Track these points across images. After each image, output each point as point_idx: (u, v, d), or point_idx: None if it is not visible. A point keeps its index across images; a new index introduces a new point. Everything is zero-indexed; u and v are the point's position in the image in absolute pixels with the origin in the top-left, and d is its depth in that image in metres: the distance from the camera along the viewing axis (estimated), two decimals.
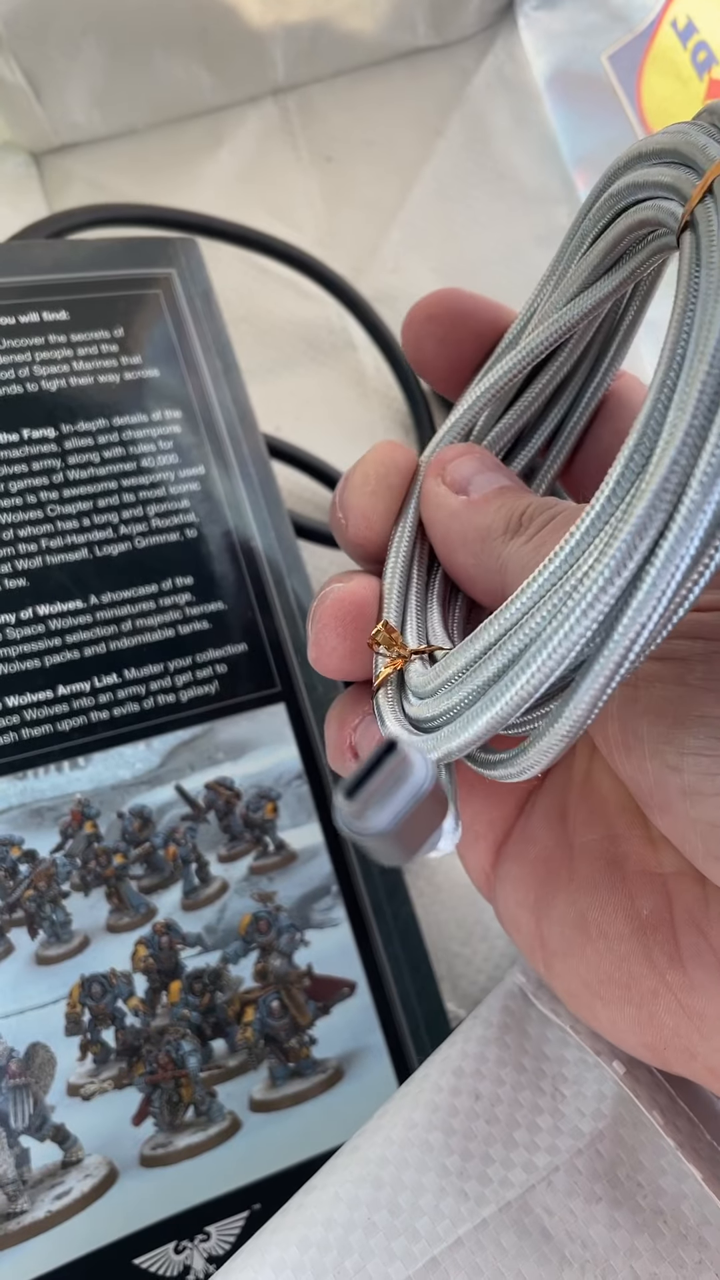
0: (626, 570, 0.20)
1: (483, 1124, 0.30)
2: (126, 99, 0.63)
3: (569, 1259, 0.27)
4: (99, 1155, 0.39)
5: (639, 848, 0.27)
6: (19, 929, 0.40)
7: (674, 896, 0.26)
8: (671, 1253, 0.27)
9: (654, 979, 0.26)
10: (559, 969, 0.28)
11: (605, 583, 0.20)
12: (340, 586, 0.30)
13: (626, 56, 0.63)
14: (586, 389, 0.33)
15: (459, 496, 0.29)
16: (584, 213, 0.29)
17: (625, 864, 0.27)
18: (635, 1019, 0.26)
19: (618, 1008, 0.27)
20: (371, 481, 0.31)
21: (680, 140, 0.24)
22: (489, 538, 0.27)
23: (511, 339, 0.32)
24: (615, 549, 0.20)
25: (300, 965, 0.43)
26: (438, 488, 0.29)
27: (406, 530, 0.30)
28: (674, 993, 0.25)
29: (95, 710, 0.42)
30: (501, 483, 0.29)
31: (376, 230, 0.65)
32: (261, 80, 0.65)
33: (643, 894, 0.26)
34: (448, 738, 0.24)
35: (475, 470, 0.29)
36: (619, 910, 0.27)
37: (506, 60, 0.68)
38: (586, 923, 0.27)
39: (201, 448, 0.46)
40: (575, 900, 0.28)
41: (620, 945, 0.26)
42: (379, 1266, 0.28)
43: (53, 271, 0.45)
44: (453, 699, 0.24)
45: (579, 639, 0.21)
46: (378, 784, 0.19)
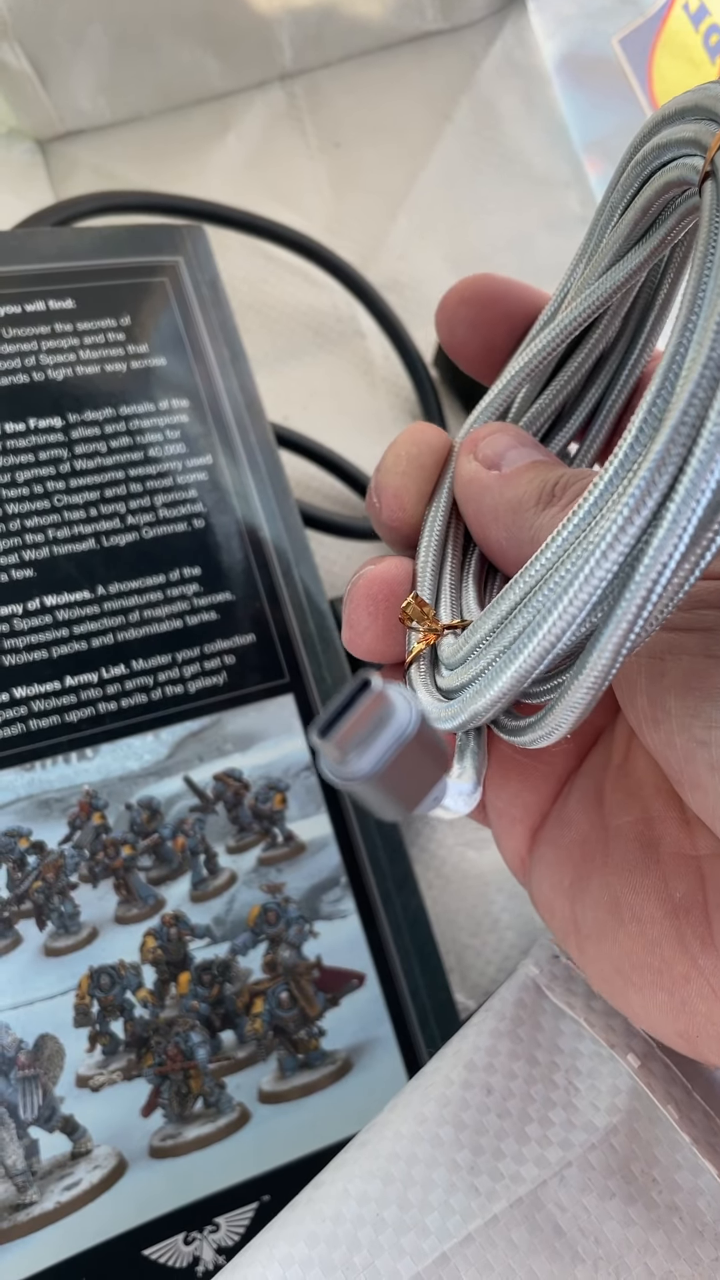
0: (645, 509, 0.20)
1: (494, 1118, 0.29)
2: (132, 85, 0.63)
3: (581, 1256, 0.27)
4: (108, 1146, 0.39)
5: (674, 830, 0.27)
6: (27, 920, 0.40)
7: (708, 879, 0.25)
8: (687, 1249, 0.27)
9: (686, 964, 0.25)
10: (591, 953, 0.28)
11: (624, 522, 0.20)
12: (372, 568, 0.30)
13: (638, 40, 0.62)
14: (625, 364, 0.32)
15: (491, 471, 0.29)
16: (613, 184, 0.29)
17: (659, 846, 0.27)
18: (667, 1005, 0.26)
19: (649, 993, 0.26)
20: (403, 462, 0.31)
21: (701, 96, 0.24)
22: (521, 510, 0.27)
23: (547, 318, 0.31)
24: (633, 488, 0.20)
25: (309, 957, 0.42)
26: (470, 464, 0.29)
27: (440, 509, 0.30)
28: (706, 978, 0.25)
29: (103, 701, 0.42)
30: (535, 457, 0.29)
31: (385, 216, 0.65)
32: (269, 66, 0.65)
33: (676, 876, 0.26)
34: (471, 700, 0.24)
35: (508, 445, 0.29)
36: (652, 893, 0.26)
37: (516, 44, 0.68)
38: (619, 906, 0.27)
39: (209, 437, 0.46)
40: (609, 883, 0.27)
41: (652, 929, 0.26)
42: (388, 1262, 0.27)
43: (59, 260, 0.45)
44: (479, 664, 0.24)
45: (597, 585, 0.20)
46: (353, 723, 0.18)
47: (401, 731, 0.18)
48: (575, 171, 0.66)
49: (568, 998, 0.31)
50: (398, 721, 0.18)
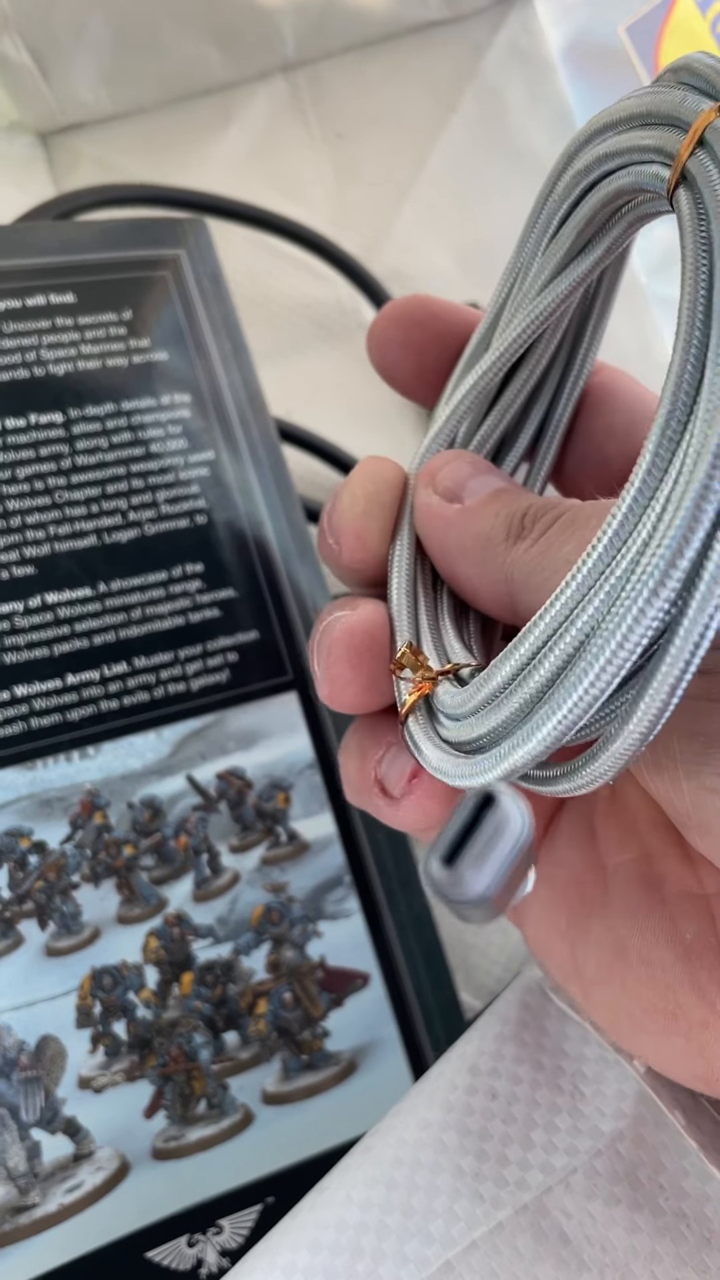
0: (696, 537, 0.19)
1: (499, 1123, 0.29)
2: (134, 77, 0.62)
3: (587, 1263, 0.27)
4: (111, 1148, 0.38)
5: (676, 867, 0.26)
6: (29, 920, 0.39)
7: (719, 919, 0.25)
8: (694, 1257, 0.27)
9: (704, 1009, 0.25)
10: (598, 998, 0.27)
11: (673, 555, 0.19)
12: (348, 615, 0.28)
13: (644, 27, 0.62)
14: (566, 381, 0.32)
15: (453, 505, 0.27)
16: (545, 196, 0.28)
17: (663, 886, 0.26)
18: (684, 1050, 0.25)
19: (664, 1038, 0.26)
20: (361, 501, 0.29)
21: (653, 101, 0.24)
22: (490, 545, 0.26)
23: (481, 337, 0.30)
24: (682, 514, 0.19)
25: (313, 957, 0.42)
26: (430, 497, 0.28)
27: (404, 547, 0.29)
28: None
29: (105, 699, 0.41)
30: (496, 485, 0.28)
31: (389, 208, 0.65)
32: (271, 56, 0.65)
33: (685, 918, 0.25)
34: (506, 754, 0.22)
35: (468, 475, 0.28)
36: (660, 935, 0.26)
37: (521, 32, 0.67)
38: (626, 949, 0.26)
39: (211, 432, 0.45)
40: (613, 926, 0.26)
41: (664, 973, 0.25)
42: (391, 1270, 0.27)
43: (60, 253, 0.45)
44: (502, 713, 0.23)
45: (652, 622, 0.19)
46: (481, 845, 0.17)
47: (516, 841, 0.17)
48: None
49: (573, 1001, 0.31)
50: (512, 831, 0.17)
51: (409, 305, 0.32)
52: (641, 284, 0.62)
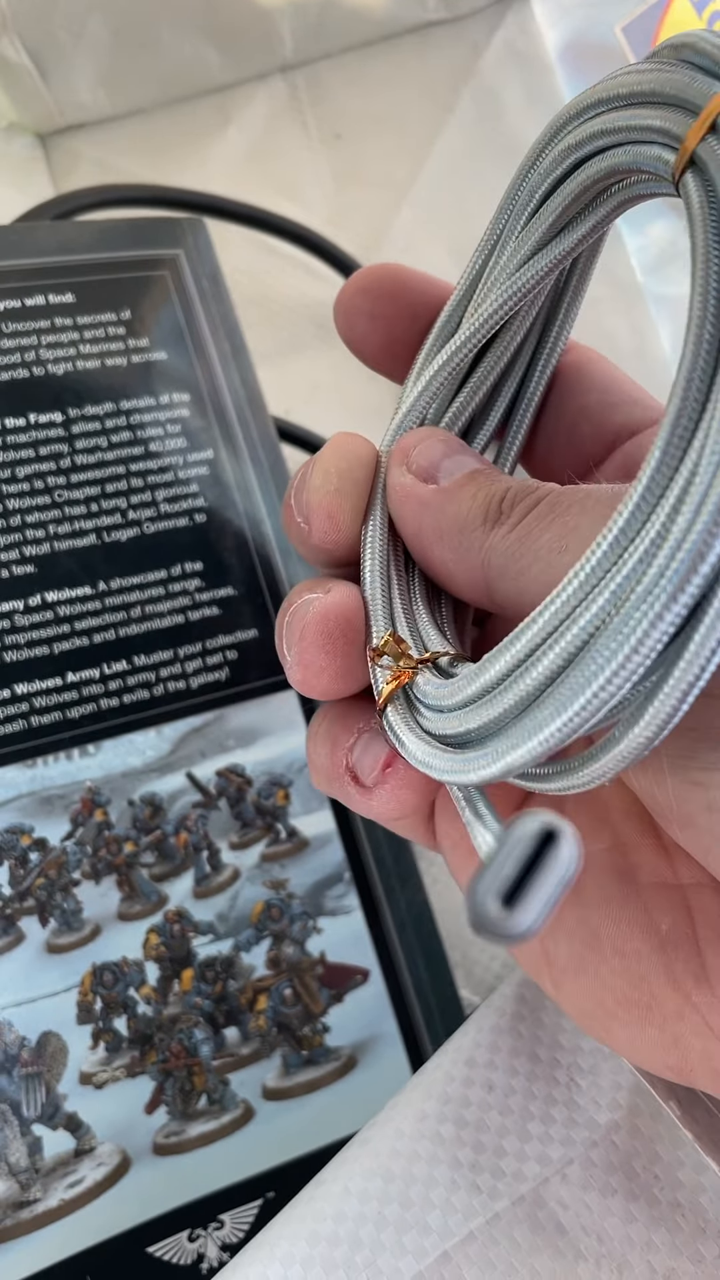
0: (715, 549, 0.18)
1: (496, 1115, 0.29)
2: (133, 78, 0.62)
3: (584, 1253, 0.27)
4: (112, 1144, 0.39)
5: (651, 857, 0.26)
6: (30, 917, 0.40)
7: (695, 910, 0.25)
8: (690, 1246, 0.27)
9: (678, 999, 0.24)
10: (569, 988, 0.26)
11: (694, 558, 0.18)
12: (321, 598, 0.27)
13: (640, 27, 0.62)
14: (538, 359, 0.31)
15: (428, 485, 0.27)
16: (526, 170, 0.27)
17: (637, 876, 0.26)
18: (658, 1041, 0.25)
19: (637, 1029, 0.25)
20: (334, 479, 0.28)
21: (656, 80, 0.23)
22: (467, 529, 0.25)
23: (451, 311, 0.30)
24: (705, 515, 0.18)
25: (313, 953, 0.42)
26: (403, 477, 0.27)
27: (376, 528, 0.28)
28: (701, 1013, 0.24)
29: (105, 697, 0.42)
30: (472, 466, 0.27)
31: (387, 208, 0.65)
32: (270, 57, 0.65)
33: (660, 908, 0.25)
34: (503, 752, 0.21)
35: (442, 454, 0.27)
36: (635, 926, 0.25)
37: (518, 33, 0.67)
38: (599, 939, 0.25)
39: (210, 431, 0.45)
40: (585, 916, 0.26)
41: (639, 964, 0.25)
42: (389, 1261, 0.27)
43: (59, 253, 0.45)
44: (495, 709, 0.22)
45: (669, 626, 0.19)
46: (540, 883, 0.16)
47: (567, 874, 0.16)
48: None
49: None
50: (563, 864, 0.16)
51: (378, 274, 0.31)
52: (639, 283, 0.62)
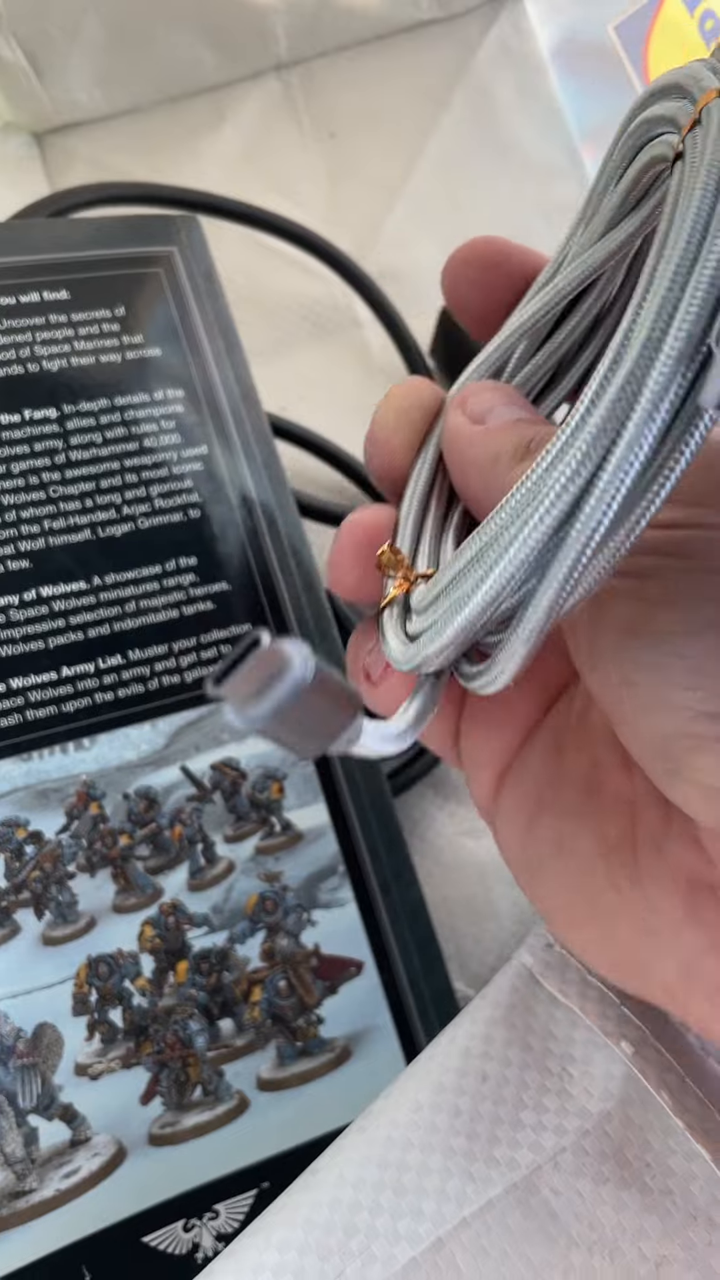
0: (580, 478, 0.21)
1: (489, 1104, 0.29)
2: (128, 77, 0.63)
3: (576, 1240, 0.27)
4: (107, 1134, 0.39)
5: (616, 774, 0.28)
6: (25, 910, 0.40)
7: (639, 818, 0.27)
8: (680, 1233, 0.27)
9: (615, 898, 0.27)
10: (538, 890, 0.30)
11: (560, 490, 0.21)
12: (359, 513, 0.31)
13: (633, 26, 0.62)
14: (618, 329, 0.32)
15: (476, 426, 0.29)
16: (610, 153, 0.29)
17: (602, 789, 0.28)
18: (599, 938, 0.28)
19: (584, 927, 0.28)
20: (393, 415, 0.32)
21: (681, 75, 0.24)
22: (498, 462, 0.28)
23: (544, 280, 0.32)
24: (571, 454, 0.21)
25: (307, 945, 0.43)
26: (458, 417, 0.30)
27: (427, 461, 0.31)
28: (632, 910, 0.26)
29: (100, 691, 0.42)
30: (520, 415, 0.29)
31: (381, 206, 0.65)
32: (264, 56, 0.65)
33: (612, 817, 0.27)
34: (424, 645, 0.25)
35: (496, 402, 0.30)
36: (590, 832, 0.28)
37: (511, 32, 0.67)
38: (561, 843, 0.28)
39: (204, 427, 0.46)
40: (555, 823, 0.29)
41: (587, 865, 0.28)
42: (384, 1247, 0.27)
43: (53, 251, 0.45)
44: (438, 612, 0.25)
45: (534, 548, 0.22)
46: (244, 676, 0.19)
47: (295, 685, 0.19)
48: (572, 159, 0.66)
49: (561, 985, 0.31)
50: (291, 675, 0.19)
51: (483, 245, 0.33)
52: None
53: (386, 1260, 0.27)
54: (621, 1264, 0.27)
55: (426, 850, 0.54)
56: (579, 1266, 0.27)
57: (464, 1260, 0.27)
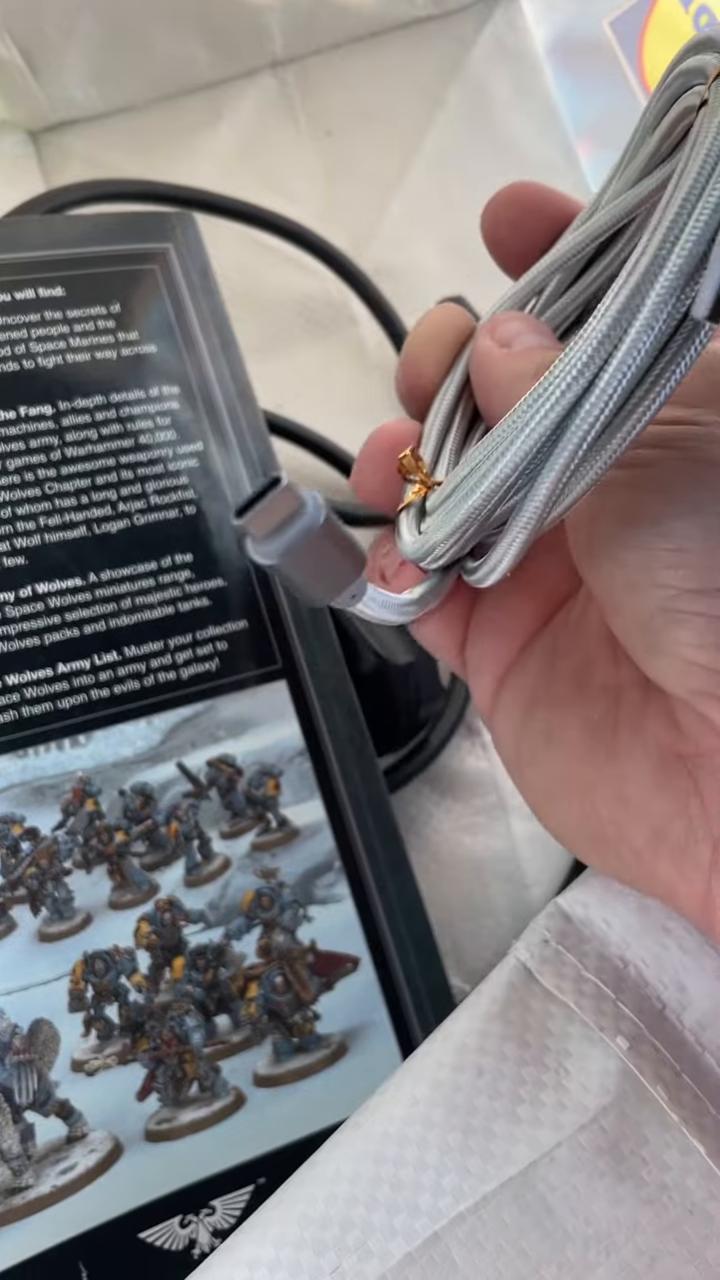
0: (583, 378, 0.23)
1: (485, 1100, 0.29)
2: (124, 75, 0.62)
3: (571, 1234, 0.27)
4: (103, 1130, 0.39)
5: (605, 667, 0.30)
6: (21, 906, 0.40)
7: (621, 702, 0.29)
8: (676, 1228, 0.27)
9: (595, 774, 0.29)
10: (528, 777, 0.32)
11: (564, 390, 0.23)
12: (385, 424, 0.33)
13: (628, 22, 0.62)
14: None
15: (503, 348, 0.31)
16: (651, 102, 0.30)
17: (590, 681, 0.30)
18: (580, 813, 0.29)
19: (567, 805, 0.30)
20: (425, 334, 0.34)
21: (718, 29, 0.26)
22: (519, 381, 0.29)
23: (579, 223, 0.33)
24: (575, 356, 0.23)
25: (303, 941, 0.43)
26: (486, 341, 0.31)
27: (455, 381, 0.33)
28: (609, 783, 0.28)
29: (96, 688, 0.42)
30: (543, 342, 0.31)
31: (377, 203, 0.65)
32: (260, 54, 0.65)
33: (597, 703, 0.30)
34: (433, 532, 0.28)
35: (522, 329, 0.31)
36: (576, 719, 0.30)
37: (506, 29, 0.67)
38: (551, 731, 0.31)
39: (200, 424, 0.46)
40: (546, 715, 0.31)
41: (572, 748, 0.30)
42: (380, 1242, 0.27)
43: (49, 248, 0.45)
44: (449, 506, 0.27)
45: (539, 438, 0.24)
46: (264, 511, 0.21)
47: (310, 524, 0.21)
48: (567, 156, 0.66)
49: (557, 981, 0.31)
50: (306, 515, 0.21)
51: (524, 187, 0.35)
52: None
53: (383, 1255, 0.27)
54: (617, 1258, 0.27)
55: (423, 846, 0.54)
56: (574, 1261, 0.27)
57: (460, 1255, 0.27)
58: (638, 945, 0.30)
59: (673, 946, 0.30)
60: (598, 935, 0.31)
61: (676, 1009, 0.30)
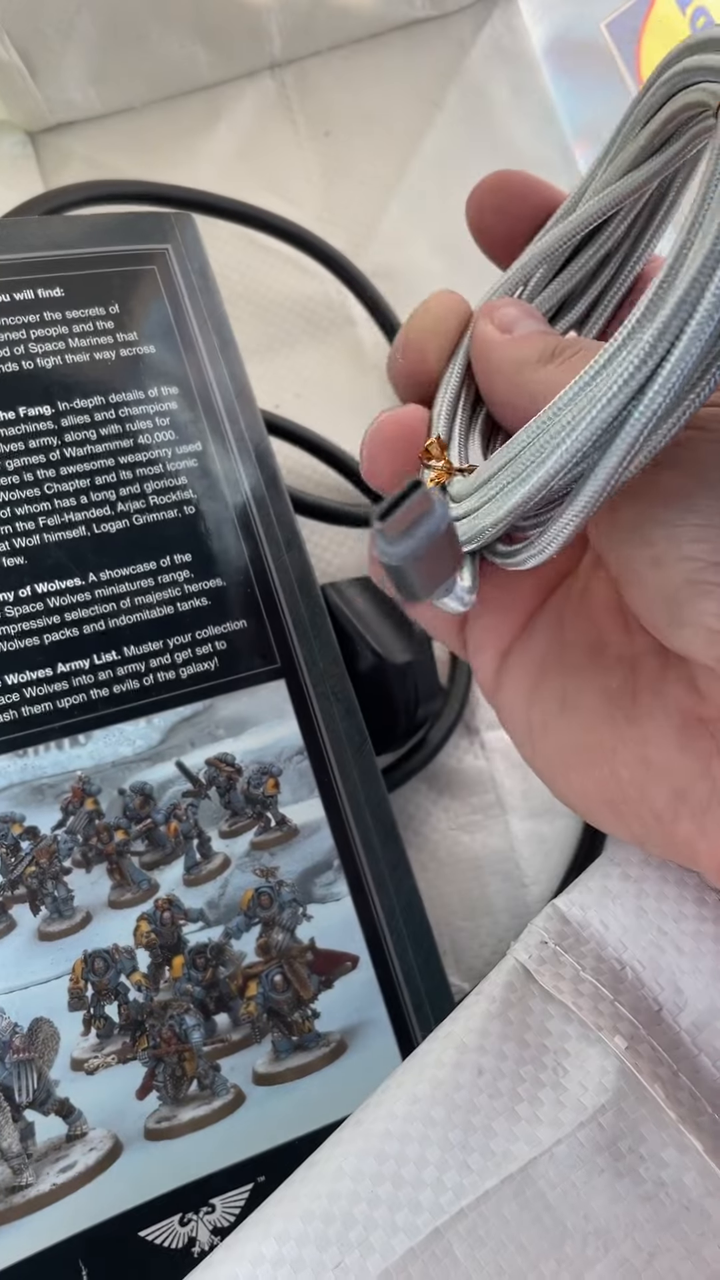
0: (641, 373, 0.24)
1: (485, 1098, 0.30)
2: (123, 76, 0.63)
3: (570, 1230, 0.28)
4: (103, 1129, 0.39)
5: (617, 637, 0.31)
6: (21, 905, 0.40)
7: (639, 670, 0.30)
8: (674, 1225, 0.27)
9: (615, 738, 0.29)
10: (540, 747, 0.33)
11: (624, 381, 0.24)
12: (393, 411, 0.33)
13: (625, 23, 0.63)
14: (627, 263, 0.35)
15: (503, 334, 0.32)
16: (639, 98, 0.31)
17: (604, 651, 0.31)
18: (599, 778, 0.30)
19: (585, 770, 0.31)
20: (429, 319, 0.34)
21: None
22: (523, 366, 0.30)
23: (565, 211, 0.34)
24: (634, 354, 0.24)
25: (303, 939, 0.43)
26: (486, 326, 0.32)
27: (457, 366, 0.34)
28: (630, 747, 0.29)
29: (95, 688, 0.42)
30: (542, 328, 0.32)
31: (375, 204, 0.65)
32: (259, 55, 0.65)
33: (613, 672, 0.30)
34: (481, 518, 0.28)
35: (520, 315, 0.32)
36: (592, 686, 0.31)
37: (504, 30, 0.68)
38: (565, 699, 0.31)
39: (199, 424, 0.46)
40: (560, 682, 0.32)
41: (590, 715, 0.30)
42: (382, 1238, 0.28)
43: (48, 248, 0.45)
44: (490, 492, 0.28)
45: (597, 430, 0.24)
46: (404, 515, 0.22)
47: (437, 525, 0.22)
48: (565, 157, 0.66)
49: (555, 982, 0.31)
50: (435, 516, 0.22)
51: (510, 175, 0.35)
52: None
53: (385, 1251, 0.27)
54: (615, 1254, 0.27)
55: (422, 845, 0.54)
56: (573, 1256, 0.27)
57: (461, 1250, 0.27)
58: (635, 947, 0.30)
59: (669, 949, 0.30)
60: (595, 937, 0.31)
61: (673, 1010, 0.30)
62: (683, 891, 0.31)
